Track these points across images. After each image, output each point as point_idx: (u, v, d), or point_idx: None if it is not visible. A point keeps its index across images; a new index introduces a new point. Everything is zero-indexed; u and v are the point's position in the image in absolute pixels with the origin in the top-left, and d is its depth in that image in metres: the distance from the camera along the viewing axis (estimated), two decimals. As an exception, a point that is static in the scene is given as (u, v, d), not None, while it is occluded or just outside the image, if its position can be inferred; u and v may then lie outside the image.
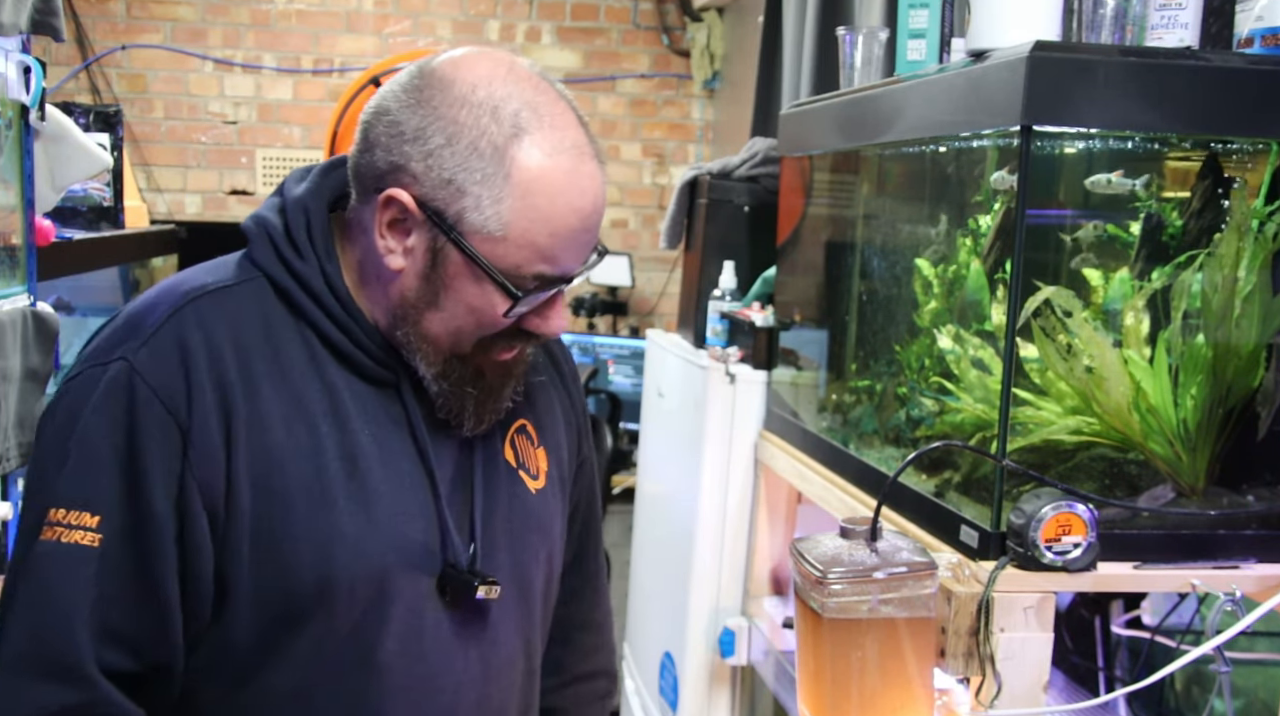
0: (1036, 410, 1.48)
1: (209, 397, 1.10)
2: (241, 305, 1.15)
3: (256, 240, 1.19)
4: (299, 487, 1.12)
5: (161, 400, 1.09)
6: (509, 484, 1.27)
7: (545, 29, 4.66)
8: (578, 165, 1.11)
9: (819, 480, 1.84)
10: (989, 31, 1.39)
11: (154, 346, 1.11)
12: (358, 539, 1.13)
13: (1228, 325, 1.40)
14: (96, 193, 2.66)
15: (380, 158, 1.13)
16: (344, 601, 1.13)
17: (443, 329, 1.16)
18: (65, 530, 1.07)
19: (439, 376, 1.18)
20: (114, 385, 1.10)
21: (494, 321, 1.15)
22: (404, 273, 1.15)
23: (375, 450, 1.16)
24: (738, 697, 2.34)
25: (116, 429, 1.09)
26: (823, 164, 2.10)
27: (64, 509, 1.07)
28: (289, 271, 1.17)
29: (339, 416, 1.15)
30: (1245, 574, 1.34)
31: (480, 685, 1.23)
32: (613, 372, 4.35)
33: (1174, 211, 1.47)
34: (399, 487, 1.17)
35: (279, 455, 1.12)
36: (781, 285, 2.27)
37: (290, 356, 1.15)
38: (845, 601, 1.21)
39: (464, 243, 1.11)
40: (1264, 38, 1.35)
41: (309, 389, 1.15)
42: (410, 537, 1.16)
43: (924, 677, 1.25)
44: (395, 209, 1.12)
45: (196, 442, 1.09)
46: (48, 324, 1.84)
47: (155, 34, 4.45)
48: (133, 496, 1.08)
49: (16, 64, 1.74)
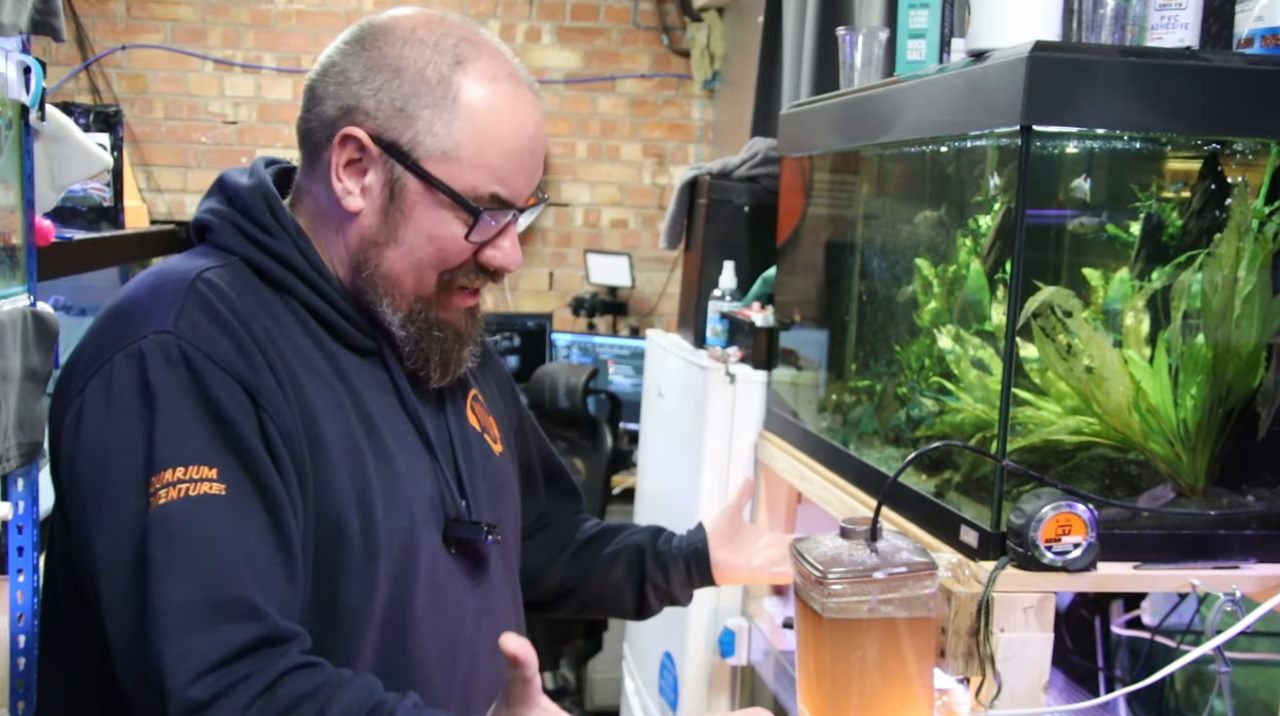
0: (1036, 410, 1.48)
1: (258, 357, 1.10)
2: (236, 282, 1.16)
3: (220, 229, 1.20)
4: (336, 442, 1.14)
5: (218, 363, 1.08)
6: (479, 446, 1.32)
7: (545, 29, 4.66)
8: (518, 90, 1.19)
9: (819, 480, 1.84)
10: (989, 31, 1.39)
11: (188, 317, 1.10)
12: (387, 491, 1.17)
13: (1228, 325, 1.40)
14: (96, 193, 2.66)
15: (330, 106, 1.18)
16: (384, 552, 1.15)
17: (404, 265, 1.19)
18: (190, 485, 1.03)
19: (405, 320, 1.21)
20: (163, 355, 1.07)
21: (455, 249, 1.19)
22: (362, 213, 1.18)
23: (377, 411, 1.20)
24: (738, 698, 2.34)
25: (190, 391, 1.07)
26: (823, 164, 2.10)
27: (177, 467, 1.04)
28: (265, 251, 1.19)
29: (345, 380, 1.19)
30: (1245, 574, 1.34)
31: (489, 632, 1.26)
32: (613, 373, 4.36)
33: (1174, 211, 1.47)
34: (404, 446, 1.21)
35: (315, 412, 1.14)
36: (781, 285, 2.27)
37: (289, 327, 1.17)
38: (845, 601, 1.21)
39: (420, 167, 1.16)
40: (1264, 38, 1.35)
41: (314, 355, 1.18)
42: (424, 492, 1.21)
43: (924, 678, 1.25)
44: (351, 147, 1.17)
45: (266, 397, 1.09)
46: (48, 324, 1.84)
47: (155, 34, 4.45)
48: (235, 447, 1.06)
49: (16, 64, 1.74)
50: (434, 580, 1.21)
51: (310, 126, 1.21)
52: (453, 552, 1.23)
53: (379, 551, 1.15)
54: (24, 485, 1.90)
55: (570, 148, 4.74)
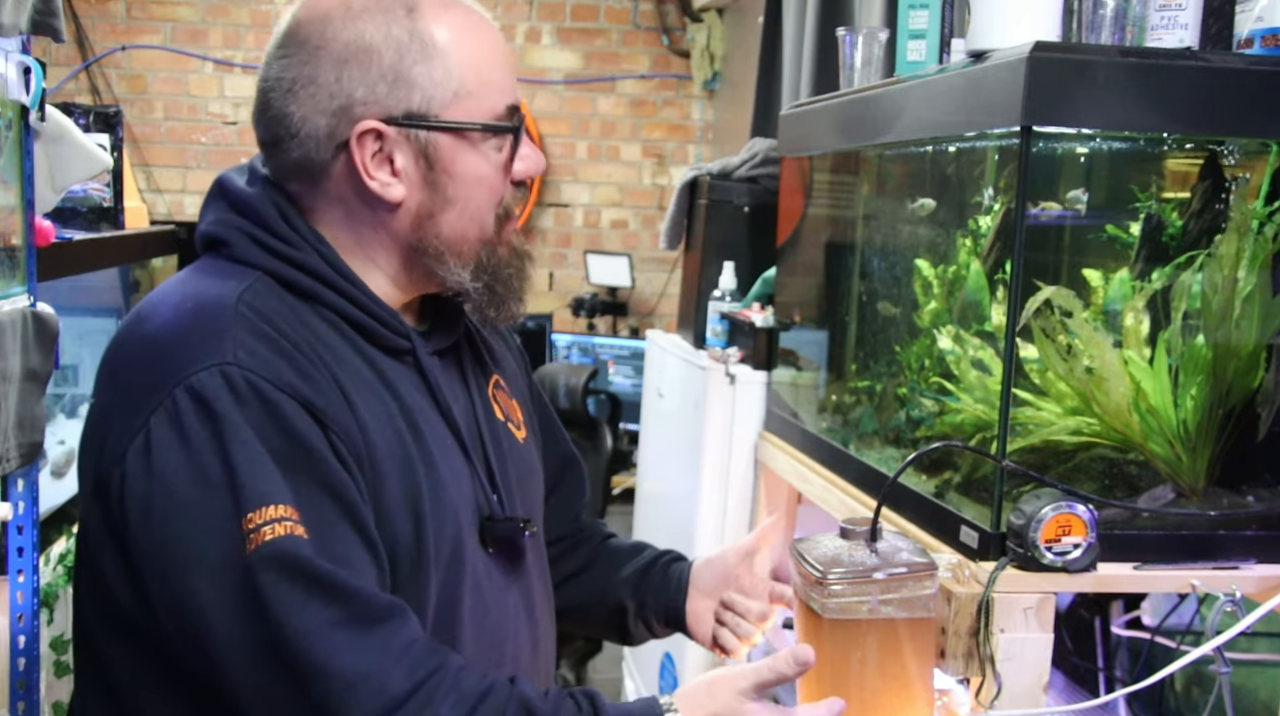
0: (1036, 411, 1.48)
1: (315, 376, 1.08)
2: (270, 301, 1.13)
3: (237, 243, 1.16)
4: (386, 454, 1.12)
5: (283, 389, 1.05)
6: (506, 437, 1.31)
7: (545, 29, 4.66)
8: (465, 5, 1.19)
9: (819, 481, 1.84)
10: (989, 32, 1.39)
11: (245, 345, 1.06)
12: (435, 500, 1.15)
13: (1228, 326, 1.40)
14: (96, 193, 2.66)
15: (320, 123, 1.14)
16: (433, 561, 1.14)
17: (465, 220, 1.18)
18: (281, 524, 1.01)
19: (475, 273, 1.20)
20: (230, 388, 1.04)
21: (501, 180, 1.19)
22: (406, 198, 1.16)
23: (419, 416, 1.18)
24: (738, 698, 2.33)
25: (262, 424, 1.04)
26: (823, 164, 2.10)
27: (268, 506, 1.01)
28: (289, 262, 1.15)
29: (388, 385, 1.17)
30: (1245, 574, 1.34)
31: (529, 628, 1.27)
32: (613, 373, 4.36)
33: (1174, 212, 1.47)
34: (444, 450, 1.19)
35: (367, 425, 1.12)
36: (781, 286, 2.27)
37: (327, 337, 1.14)
38: (845, 602, 1.21)
39: (444, 121, 1.14)
40: (1264, 38, 1.35)
41: (357, 364, 1.15)
42: (465, 494, 1.20)
43: (924, 678, 1.25)
44: (370, 141, 1.14)
45: (332, 417, 1.07)
46: (48, 324, 1.84)
47: (155, 35, 4.45)
48: (318, 478, 1.05)
49: (16, 64, 1.74)
50: (476, 582, 1.20)
51: (304, 152, 1.15)
52: (490, 552, 1.22)
53: (428, 561, 1.14)
54: (24, 485, 1.90)
55: (570, 148, 4.74)
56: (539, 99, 4.65)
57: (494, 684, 1.07)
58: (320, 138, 1.14)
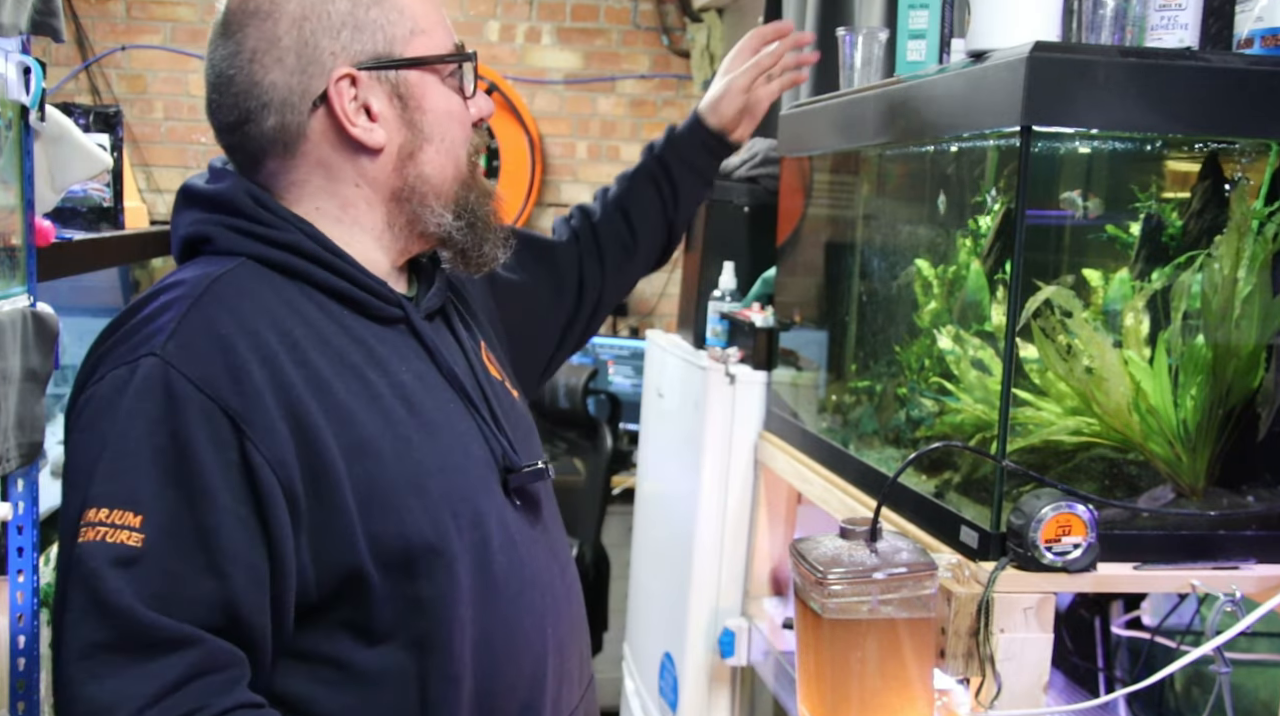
0: (1036, 411, 1.48)
1: (257, 376, 1.07)
2: (250, 284, 1.13)
3: (219, 237, 1.17)
4: (377, 436, 1.12)
5: (202, 389, 1.05)
6: (503, 393, 1.32)
7: (545, 30, 4.66)
8: None
9: (819, 481, 1.84)
10: (989, 32, 1.39)
11: (182, 338, 1.07)
12: (441, 469, 1.15)
13: (1227, 326, 1.40)
14: (96, 193, 2.66)
15: (293, 82, 1.15)
16: (453, 530, 1.13)
17: (443, 156, 1.21)
18: (108, 530, 1.02)
19: (458, 214, 1.23)
20: (147, 383, 1.05)
21: (465, 114, 1.23)
22: (388, 141, 1.18)
23: (418, 383, 1.18)
24: (738, 698, 2.33)
25: (158, 429, 1.04)
26: (823, 164, 2.10)
27: (102, 507, 1.02)
28: (271, 243, 1.16)
29: (377, 361, 1.16)
30: (1245, 574, 1.34)
31: (560, 575, 1.27)
32: (612, 373, 4.35)
33: (1174, 212, 1.47)
34: (448, 413, 1.20)
35: (349, 411, 1.11)
36: (781, 286, 2.27)
37: (313, 317, 1.15)
38: (845, 602, 1.21)
39: (408, 59, 1.17)
40: (1264, 38, 1.35)
41: (342, 343, 1.15)
42: (475, 455, 1.20)
43: (924, 678, 1.25)
44: (346, 88, 1.15)
45: (254, 424, 1.05)
46: (48, 324, 1.84)
47: (155, 35, 4.45)
48: (184, 489, 1.03)
49: (16, 64, 1.74)
50: (506, 539, 1.19)
51: (279, 119, 1.16)
52: (516, 504, 1.23)
53: (445, 523, 1.13)
54: (24, 485, 1.90)
55: (570, 148, 4.74)
56: (539, 99, 4.65)
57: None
58: (295, 99, 1.16)
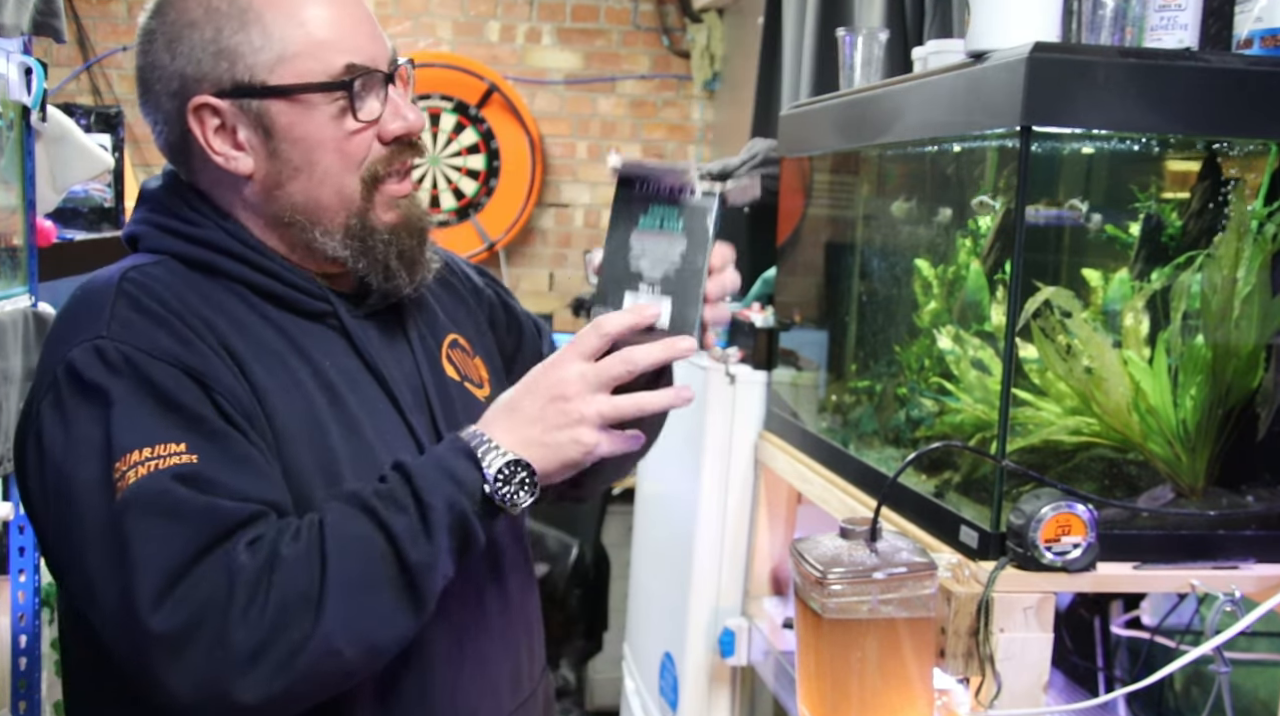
0: (1036, 410, 1.48)
1: (198, 344, 1.08)
2: (168, 277, 1.13)
3: (146, 236, 1.18)
4: (295, 420, 1.11)
5: (158, 357, 1.05)
6: (460, 396, 1.28)
7: (545, 30, 4.66)
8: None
9: (819, 481, 1.84)
10: (989, 32, 1.39)
11: (119, 318, 1.07)
12: (355, 462, 1.13)
13: (1227, 326, 1.40)
14: (98, 194, 2.66)
15: (169, 106, 1.14)
16: None
17: (315, 185, 1.14)
18: (158, 460, 1.01)
19: (345, 239, 1.16)
20: (102, 360, 1.05)
21: (354, 141, 1.14)
22: (255, 168, 1.14)
23: (341, 378, 1.16)
24: (738, 698, 2.34)
25: (142, 394, 1.04)
26: (823, 165, 2.10)
27: (142, 448, 1.01)
28: (189, 240, 1.16)
29: (301, 352, 1.15)
30: (1245, 574, 1.34)
31: (493, 584, 1.24)
32: (613, 373, 4.35)
33: (1173, 212, 1.47)
34: (373, 412, 1.18)
35: (270, 394, 1.11)
36: (781, 286, 2.27)
37: (233, 309, 1.14)
38: (845, 601, 1.21)
39: (270, 86, 1.11)
40: (1263, 39, 1.35)
41: (264, 333, 1.14)
42: (398, 453, 1.15)
43: (924, 678, 1.25)
44: (207, 116, 1.13)
45: (215, 379, 1.07)
46: (48, 325, 1.84)
47: (156, 35, 4.46)
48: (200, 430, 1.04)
49: (18, 65, 1.74)
50: None
51: (165, 139, 1.17)
52: None
53: None
54: (25, 485, 1.90)
55: (570, 148, 4.74)
56: (539, 99, 4.65)
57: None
58: (171, 121, 1.15)
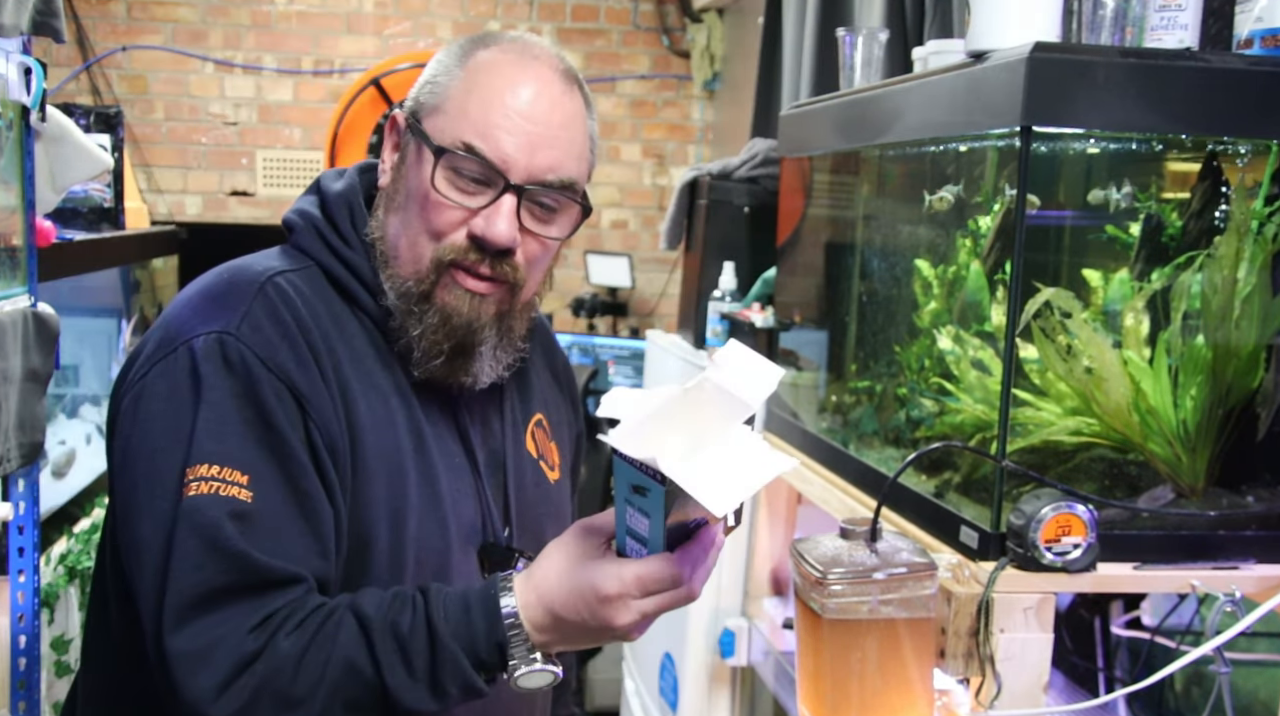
0: (1036, 411, 1.48)
1: (313, 367, 1.13)
2: (307, 287, 1.19)
3: (303, 232, 1.23)
4: (378, 456, 1.16)
5: (272, 369, 1.11)
6: (534, 473, 1.32)
7: (545, 30, 4.66)
8: (525, 61, 1.19)
9: (819, 481, 1.84)
10: (989, 32, 1.39)
11: (251, 321, 1.12)
12: (424, 512, 1.18)
13: (1227, 326, 1.40)
14: (97, 194, 2.67)
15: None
16: (411, 569, 1.16)
17: (404, 229, 1.19)
18: (221, 484, 1.06)
19: (399, 297, 1.19)
20: (222, 355, 1.10)
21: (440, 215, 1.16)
22: (387, 184, 1.23)
23: (431, 429, 1.21)
24: (738, 698, 2.34)
25: (243, 403, 1.09)
26: (823, 165, 2.10)
27: (213, 464, 1.07)
28: (339, 259, 1.21)
29: (403, 394, 1.20)
30: (1245, 574, 1.34)
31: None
32: (613, 373, 4.35)
33: (1174, 212, 1.47)
34: (451, 468, 1.22)
35: (362, 426, 1.15)
36: (781, 286, 2.27)
37: (354, 335, 1.19)
38: (845, 602, 1.21)
39: (419, 122, 1.19)
40: (1263, 39, 1.35)
41: (374, 366, 1.19)
42: (464, 516, 1.22)
43: (924, 678, 1.25)
44: (394, 126, 1.23)
45: (315, 406, 1.12)
46: (48, 325, 1.84)
47: (156, 35, 4.45)
48: (278, 458, 1.09)
49: (17, 65, 1.74)
50: None
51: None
52: (486, 577, 1.22)
53: (405, 567, 1.16)
54: (24, 485, 1.90)
55: (570, 148, 4.74)
56: (539, 99, 4.65)
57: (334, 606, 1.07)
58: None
